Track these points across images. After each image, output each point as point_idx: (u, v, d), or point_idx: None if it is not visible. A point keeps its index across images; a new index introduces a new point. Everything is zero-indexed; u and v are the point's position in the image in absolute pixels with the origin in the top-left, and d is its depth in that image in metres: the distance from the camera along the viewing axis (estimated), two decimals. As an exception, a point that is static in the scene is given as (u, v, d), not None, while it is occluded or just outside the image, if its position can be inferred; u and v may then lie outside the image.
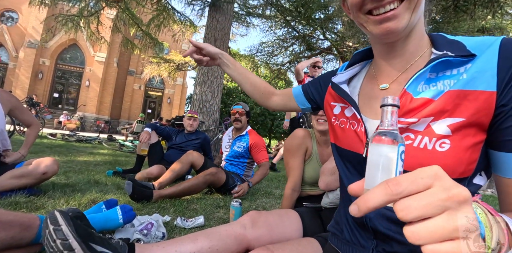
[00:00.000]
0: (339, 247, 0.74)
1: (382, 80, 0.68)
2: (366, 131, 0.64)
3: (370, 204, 0.30)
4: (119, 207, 1.24)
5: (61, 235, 0.75)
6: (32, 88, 17.35)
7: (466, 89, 0.52)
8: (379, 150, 0.37)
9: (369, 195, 0.31)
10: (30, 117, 2.10)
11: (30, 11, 16.45)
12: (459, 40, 0.57)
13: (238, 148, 2.77)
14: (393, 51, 0.63)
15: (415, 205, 0.28)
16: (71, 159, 3.89)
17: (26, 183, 1.78)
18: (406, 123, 0.56)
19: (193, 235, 0.97)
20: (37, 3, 7.05)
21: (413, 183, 0.29)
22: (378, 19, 0.55)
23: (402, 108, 0.57)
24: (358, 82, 0.75)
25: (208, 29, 6.18)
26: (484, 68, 0.51)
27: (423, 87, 0.57)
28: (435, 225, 0.27)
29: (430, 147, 0.53)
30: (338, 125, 0.74)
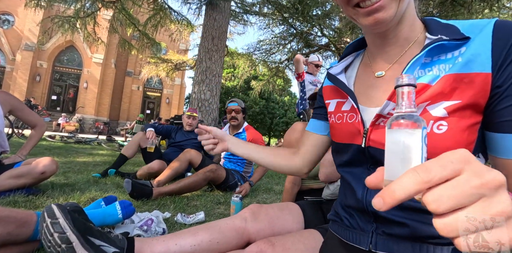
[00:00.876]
0: (339, 233, 0.73)
1: (377, 68, 0.67)
2: (363, 120, 0.63)
3: (398, 195, 0.27)
4: (118, 203, 1.23)
5: (59, 228, 0.73)
6: (30, 91, 17.30)
7: (462, 72, 0.52)
8: (401, 136, 0.33)
9: (396, 185, 0.27)
10: (33, 117, 2.06)
11: (26, 13, 16.41)
12: (452, 24, 0.57)
13: None
14: (386, 39, 0.63)
15: (447, 195, 0.25)
16: (70, 160, 3.87)
17: (24, 182, 1.76)
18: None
19: (193, 229, 0.96)
20: (32, 5, 7.02)
21: (444, 169, 0.26)
22: (366, 11, 0.55)
23: None
24: (353, 72, 0.74)
25: (206, 27, 6.17)
26: (478, 51, 0.51)
27: (419, 72, 0.57)
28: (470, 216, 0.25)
29: (428, 130, 0.53)
30: (334, 122, 0.73)
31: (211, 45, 6.05)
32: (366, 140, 0.62)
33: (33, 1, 6.90)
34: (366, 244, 0.64)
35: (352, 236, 0.68)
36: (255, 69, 11.11)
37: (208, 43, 6.06)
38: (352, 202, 0.69)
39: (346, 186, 0.72)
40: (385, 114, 0.59)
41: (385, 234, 0.62)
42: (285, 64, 10.10)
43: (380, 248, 0.62)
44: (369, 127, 0.61)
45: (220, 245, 0.92)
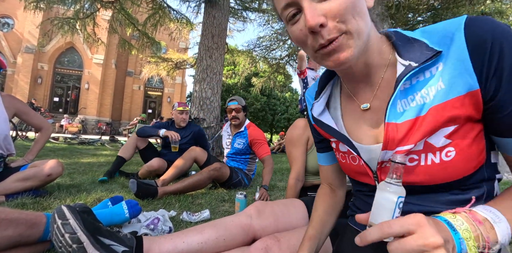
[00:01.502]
0: (359, 227, 0.73)
1: (361, 100, 0.64)
2: (367, 164, 0.62)
3: (368, 239, 0.43)
4: (125, 202, 1.25)
5: (69, 229, 0.75)
6: (32, 93, 17.38)
7: (449, 99, 0.50)
8: (384, 196, 0.47)
9: (368, 232, 0.43)
10: (39, 120, 2.08)
11: (25, 16, 16.39)
12: (419, 38, 0.54)
13: (238, 145, 2.70)
14: (356, 72, 0.60)
15: (400, 247, 0.39)
16: (74, 161, 3.91)
17: (31, 185, 1.79)
18: (404, 151, 0.54)
19: (200, 227, 0.97)
20: (32, 7, 7.03)
21: (401, 227, 0.40)
22: (326, 52, 0.51)
23: (393, 140, 0.55)
24: (336, 103, 0.71)
25: (205, 25, 6.15)
26: (458, 69, 0.49)
27: (403, 103, 0.55)
28: None
29: (437, 161, 0.53)
30: (339, 159, 0.72)
31: (211, 43, 6.04)
32: (378, 180, 0.62)
33: (32, 3, 6.90)
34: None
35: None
36: (255, 66, 11.09)
37: (208, 41, 6.05)
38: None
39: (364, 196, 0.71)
40: (386, 160, 0.58)
41: None
42: (285, 60, 10.08)
43: None
44: (376, 170, 0.61)
45: (226, 242, 0.94)
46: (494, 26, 0.48)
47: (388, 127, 0.55)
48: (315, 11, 0.48)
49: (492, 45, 0.47)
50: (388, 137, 0.55)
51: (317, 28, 0.48)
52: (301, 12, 0.51)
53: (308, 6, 0.49)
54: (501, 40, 0.46)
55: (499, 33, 0.47)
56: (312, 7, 0.48)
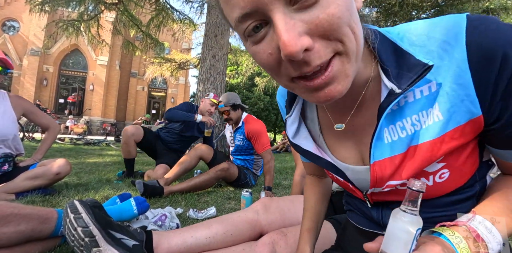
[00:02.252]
0: (356, 221, 0.72)
1: (335, 118, 0.55)
2: (355, 186, 0.57)
3: None
4: (133, 199, 1.27)
5: (82, 222, 0.77)
6: (37, 95, 17.58)
7: (447, 131, 0.42)
8: (399, 226, 0.41)
9: None
10: (46, 120, 2.11)
11: (30, 19, 16.60)
12: (402, 46, 0.43)
13: (238, 141, 2.62)
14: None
15: None
16: (81, 161, 3.95)
17: (40, 183, 1.82)
18: (395, 185, 0.50)
19: (207, 222, 0.99)
20: (37, 10, 7.10)
21: None
22: (312, 87, 0.37)
23: (382, 178, 0.50)
24: (312, 113, 0.61)
25: (208, 25, 6.17)
26: (458, 96, 0.40)
27: (391, 131, 0.47)
28: None
29: (431, 183, 0.49)
30: (328, 173, 0.65)
31: (214, 43, 6.06)
32: (369, 200, 0.59)
33: (37, 6, 6.98)
34: (382, 228, 0.64)
35: (369, 224, 0.68)
36: (258, 66, 11.10)
37: (211, 41, 6.08)
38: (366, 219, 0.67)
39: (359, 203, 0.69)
40: (376, 192, 0.54)
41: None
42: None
43: None
44: (367, 194, 0.57)
45: (234, 237, 0.95)
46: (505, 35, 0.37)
47: (374, 167, 0.49)
48: (294, 27, 0.31)
49: (503, 62, 0.37)
50: (376, 177, 0.50)
51: (300, 55, 0.32)
52: (267, 25, 0.34)
53: (281, 18, 0.31)
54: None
55: (510, 44, 0.37)
56: (288, 20, 0.31)
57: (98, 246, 0.77)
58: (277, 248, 0.87)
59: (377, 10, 6.86)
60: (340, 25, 0.32)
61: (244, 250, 0.89)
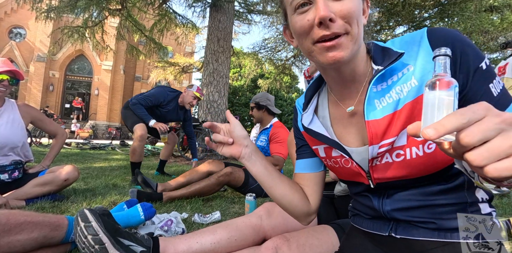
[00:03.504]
0: (360, 224, 0.77)
1: (346, 103, 0.69)
2: (359, 165, 0.66)
3: (447, 127, 0.34)
4: (140, 205, 1.30)
5: (92, 231, 0.81)
6: (44, 100, 17.82)
7: (421, 94, 0.55)
8: (439, 94, 0.40)
9: (445, 120, 0.34)
10: (54, 127, 2.16)
11: (36, 26, 16.87)
12: (386, 46, 0.62)
13: (261, 142, 2.58)
14: (344, 76, 0.64)
15: (477, 130, 0.32)
16: (87, 165, 4.01)
17: (49, 190, 1.86)
18: (390, 144, 0.59)
19: (212, 228, 1.02)
20: (43, 17, 7.22)
21: (474, 113, 0.33)
22: (326, 47, 0.55)
23: (376, 135, 0.60)
24: (324, 111, 0.75)
25: (211, 29, 6.23)
26: (427, 69, 0.55)
27: (381, 101, 0.60)
28: (494, 145, 0.31)
29: (421, 153, 0.57)
30: (331, 165, 0.74)
31: (217, 46, 6.11)
32: (371, 180, 0.66)
33: (43, 13, 7.10)
34: (386, 230, 0.68)
35: (373, 224, 0.72)
36: (261, 68, 11.14)
37: (214, 45, 6.13)
38: (370, 211, 0.73)
39: (361, 197, 0.76)
40: (376, 156, 0.62)
41: (405, 221, 0.66)
42: (291, 61, 10.10)
43: (400, 233, 0.66)
44: (369, 170, 0.65)
45: (238, 242, 0.97)
46: (453, 32, 0.56)
47: (369, 124, 0.61)
48: (327, 7, 0.52)
49: (454, 47, 0.53)
50: (372, 133, 0.60)
51: (327, 20, 0.52)
52: (311, 5, 0.55)
53: (321, 2, 0.52)
54: (462, 42, 0.54)
55: (458, 36, 0.55)
56: (326, 2, 0.53)
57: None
58: (280, 253, 0.89)
59: (379, 10, 6.86)
60: (353, 16, 0.53)
61: (248, 255, 0.91)
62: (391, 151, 0.61)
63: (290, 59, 10.02)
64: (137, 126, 2.81)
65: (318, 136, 0.70)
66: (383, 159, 0.62)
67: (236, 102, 21.11)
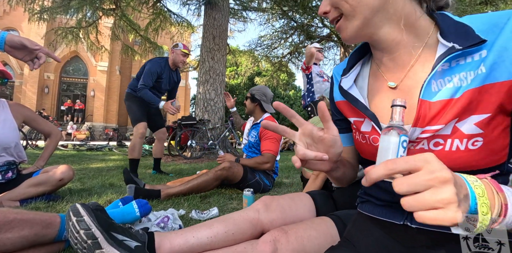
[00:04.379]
0: (371, 212, 0.72)
1: (389, 77, 0.64)
2: None
3: (373, 176, 0.40)
4: (135, 201, 1.28)
5: (84, 225, 0.78)
6: (39, 103, 17.69)
7: (486, 83, 0.49)
8: (386, 138, 0.48)
9: (373, 170, 0.40)
10: (47, 126, 2.11)
11: (30, 27, 16.73)
12: (466, 22, 0.53)
13: (251, 137, 2.52)
14: (385, 49, 0.61)
15: (406, 182, 0.36)
16: (84, 166, 3.98)
17: (44, 190, 1.83)
18: (433, 131, 0.54)
19: (209, 222, 1.00)
20: (36, 19, 7.17)
21: (406, 163, 0.37)
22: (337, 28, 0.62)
23: (424, 117, 0.54)
24: (364, 82, 0.70)
25: (206, 27, 6.20)
26: (502, 57, 0.48)
27: (438, 83, 0.54)
28: (421, 198, 0.36)
29: (462, 148, 0.52)
30: (359, 140, 0.70)
31: (212, 44, 6.08)
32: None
33: (36, 15, 7.04)
34: (401, 218, 0.63)
35: (386, 212, 0.67)
36: (258, 66, 11.11)
37: (209, 43, 6.10)
38: (385, 195, 0.67)
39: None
40: (414, 139, 0.57)
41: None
42: (287, 58, 10.09)
43: (416, 222, 0.60)
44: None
45: (235, 235, 0.95)
46: None
47: (421, 103, 0.55)
48: (326, 2, 0.60)
49: None
50: (420, 114, 0.55)
51: (323, 15, 0.61)
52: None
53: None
54: None
55: None
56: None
57: (101, 248, 0.77)
58: (279, 246, 0.87)
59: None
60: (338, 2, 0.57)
61: (245, 249, 0.89)
62: (431, 138, 0.56)
63: (286, 56, 10.00)
64: (139, 124, 2.90)
65: (356, 102, 0.65)
66: (419, 144, 0.57)
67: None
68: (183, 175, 3.27)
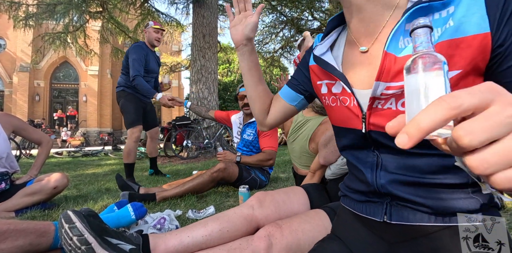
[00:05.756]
0: (351, 207, 0.72)
1: (361, 43, 0.63)
2: (360, 104, 0.60)
3: (425, 125, 0.24)
4: (130, 205, 1.27)
5: (77, 231, 0.78)
6: (31, 111, 17.47)
7: (456, 37, 0.48)
8: (422, 75, 0.31)
9: (421, 115, 0.25)
10: (38, 135, 2.09)
11: (16, 35, 16.42)
12: None
13: (248, 136, 2.45)
14: (361, 10, 0.59)
15: (480, 127, 0.22)
16: (80, 173, 3.95)
17: (39, 199, 1.82)
18: (399, 87, 0.52)
19: (203, 221, 1.00)
20: (21, 25, 7.05)
21: (473, 96, 0.24)
22: None
23: (389, 71, 0.53)
24: (339, 51, 0.70)
25: (195, 26, 6.15)
26: (470, 11, 0.47)
27: (405, 41, 0.53)
28: (505, 148, 0.22)
29: None
30: (329, 104, 0.70)
31: (203, 43, 6.04)
32: (366, 124, 0.60)
33: (21, 21, 6.93)
34: (380, 215, 0.63)
35: (366, 208, 0.67)
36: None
37: (200, 41, 6.05)
38: (362, 186, 0.67)
39: (354, 169, 0.70)
40: (379, 96, 0.56)
41: (400, 205, 0.60)
42: (279, 53, 10.06)
43: (395, 218, 0.60)
44: (366, 111, 0.59)
45: (230, 233, 0.96)
46: None
47: (386, 56, 0.54)
48: None
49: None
50: (384, 66, 0.54)
51: None
52: None
53: None
54: None
55: None
56: None
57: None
58: (273, 240, 0.88)
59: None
60: None
61: (241, 245, 0.89)
62: (399, 97, 0.54)
63: (278, 51, 9.97)
64: (135, 128, 2.83)
65: (326, 65, 0.65)
66: (387, 103, 0.56)
67: (227, 98, 21.00)
68: (180, 176, 3.27)
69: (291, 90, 0.85)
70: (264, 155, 2.30)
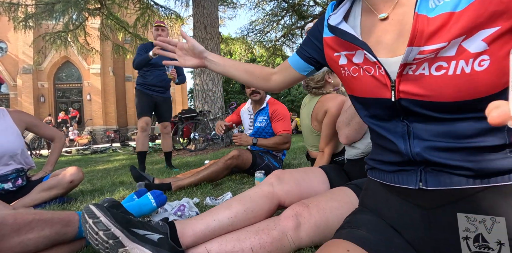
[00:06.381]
0: (381, 178, 0.69)
1: (380, 9, 0.60)
2: (387, 72, 0.57)
3: None
4: (150, 193, 1.27)
5: (102, 226, 0.75)
6: (37, 112, 17.60)
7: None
8: None
9: None
10: (50, 131, 2.11)
11: (17, 37, 16.41)
12: None
13: (260, 122, 2.44)
14: None
15: None
16: (91, 169, 3.99)
17: (56, 193, 1.83)
18: (433, 50, 0.49)
19: (226, 203, 0.98)
20: (21, 27, 7.05)
21: None
22: None
23: (422, 34, 0.50)
24: (356, 21, 0.66)
25: (196, 17, 6.07)
26: None
27: (435, 0, 0.50)
28: None
29: (468, 70, 0.47)
30: (350, 75, 0.66)
31: (204, 34, 5.98)
32: (395, 92, 0.56)
33: (21, 23, 6.91)
34: (415, 183, 0.60)
35: (398, 177, 0.64)
36: (252, 52, 10.96)
37: (201, 32, 5.99)
38: (393, 157, 0.63)
39: (382, 140, 0.66)
40: (411, 61, 0.53)
41: (436, 170, 0.57)
42: (281, 41, 9.94)
43: (432, 184, 0.57)
44: (395, 78, 0.55)
45: (254, 212, 0.94)
46: None
47: (417, 18, 0.50)
48: None
49: None
50: (417, 29, 0.50)
51: None
52: None
53: None
54: None
55: None
56: None
57: (124, 246, 0.75)
58: (301, 219, 0.87)
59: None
60: None
61: (268, 226, 0.88)
62: (432, 61, 0.50)
63: (280, 40, 9.84)
64: (141, 119, 3.11)
65: (346, 35, 0.61)
66: (419, 69, 0.52)
67: (230, 90, 20.94)
68: (191, 167, 3.28)
69: (301, 61, 0.82)
70: (280, 138, 2.28)
